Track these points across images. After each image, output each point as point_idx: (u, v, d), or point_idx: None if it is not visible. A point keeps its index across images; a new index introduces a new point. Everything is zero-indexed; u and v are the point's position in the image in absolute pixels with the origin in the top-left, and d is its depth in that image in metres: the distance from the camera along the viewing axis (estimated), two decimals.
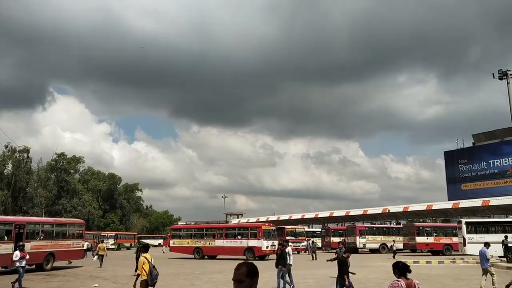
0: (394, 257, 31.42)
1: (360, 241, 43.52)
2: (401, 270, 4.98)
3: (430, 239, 38.80)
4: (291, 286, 14.20)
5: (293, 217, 65.95)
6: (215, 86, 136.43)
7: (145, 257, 9.59)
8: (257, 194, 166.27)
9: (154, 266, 9.57)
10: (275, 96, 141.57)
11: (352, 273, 11.24)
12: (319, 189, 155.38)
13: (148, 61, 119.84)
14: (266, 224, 38.62)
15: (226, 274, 19.72)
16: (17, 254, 15.12)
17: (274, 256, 31.94)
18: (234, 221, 73.92)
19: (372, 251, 43.81)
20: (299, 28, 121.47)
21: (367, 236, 44.05)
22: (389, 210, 53.85)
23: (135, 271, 20.69)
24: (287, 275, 14.60)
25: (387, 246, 43.72)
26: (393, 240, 34.53)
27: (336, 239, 48.03)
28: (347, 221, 59.76)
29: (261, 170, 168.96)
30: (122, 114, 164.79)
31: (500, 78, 28.13)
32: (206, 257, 33.22)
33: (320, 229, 56.44)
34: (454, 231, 39.90)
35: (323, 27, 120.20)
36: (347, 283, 11.08)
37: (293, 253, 16.09)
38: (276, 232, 34.14)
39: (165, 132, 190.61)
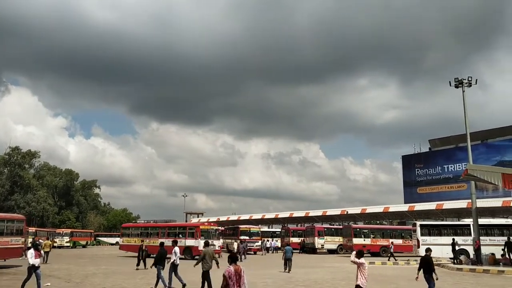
0: (390, 259, 31.51)
1: (318, 241, 44.09)
2: (232, 259, 7.04)
3: (367, 241, 39.70)
4: (166, 286, 14.05)
5: (253, 217, 66.09)
6: (176, 82, 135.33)
7: None
8: (218, 194, 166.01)
9: None
10: (237, 95, 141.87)
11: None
12: (279, 189, 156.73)
13: (107, 54, 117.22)
14: (206, 223, 38.57)
15: (184, 273, 19.48)
16: (32, 253, 13.38)
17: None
18: (194, 220, 73.42)
19: (330, 251, 44.48)
20: (263, 27, 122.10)
21: (325, 237, 44.67)
22: (347, 212, 54.84)
23: (147, 265, 20.14)
24: (172, 274, 14.48)
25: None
26: (392, 242, 34.99)
27: (295, 240, 48.58)
28: (306, 221, 60.44)
29: (222, 169, 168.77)
30: (78, 108, 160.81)
31: (456, 86, 29.00)
32: (151, 255, 32.82)
33: (280, 229, 56.87)
34: (391, 233, 41.07)
35: (288, 27, 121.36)
36: (436, 278, 11.96)
37: (248, 253, 16.07)
38: (217, 232, 33.83)
39: (123, 128, 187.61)
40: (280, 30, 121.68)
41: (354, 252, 10.10)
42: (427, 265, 12.12)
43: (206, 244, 14.18)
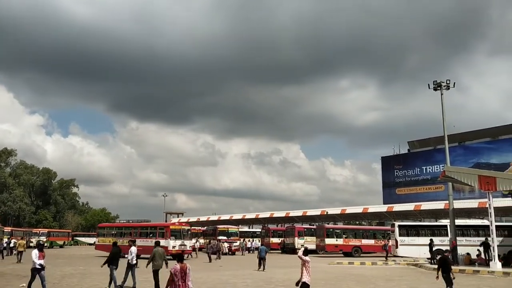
0: (386, 258, 31.71)
1: (298, 242, 44.23)
2: (178, 258, 8.04)
3: (340, 241, 39.97)
4: (117, 285, 13.96)
5: (234, 217, 66.02)
6: (157, 81, 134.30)
7: None
8: (198, 193, 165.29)
9: None
10: (218, 95, 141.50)
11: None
12: (260, 189, 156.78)
13: (85, 51, 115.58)
14: (177, 223, 38.35)
15: (163, 273, 19.38)
16: (36, 254, 12.74)
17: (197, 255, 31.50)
18: (174, 220, 72.92)
19: (310, 252, 44.58)
20: (245, 27, 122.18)
21: (305, 237, 44.81)
22: (327, 212, 55.18)
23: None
24: (131, 273, 14.45)
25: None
26: (387, 241, 35.10)
27: (276, 240, 48.63)
28: (287, 222, 60.60)
29: (202, 169, 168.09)
30: (55, 106, 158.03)
31: (435, 89, 29.42)
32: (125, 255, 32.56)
33: (260, 230, 56.90)
34: (363, 234, 41.52)
35: (270, 27, 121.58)
36: (453, 276, 12.61)
37: (227, 253, 16.01)
38: (189, 232, 33.61)
39: (102, 127, 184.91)
40: (262, 30, 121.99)
41: (302, 249, 10.45)
42: (445, 264, 12.75)
43: (157, 244, 14.57)
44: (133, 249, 14.98)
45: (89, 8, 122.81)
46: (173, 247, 29.37)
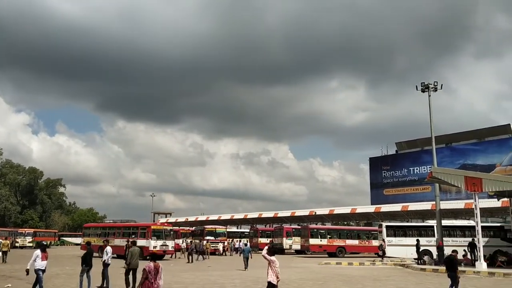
0: (382, 258, 31.81)
1: (286, 242, 44.31)
2: (151, 257, 8.45)
3: (324, 241, 40.11)
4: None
5: (222, 218, 65.89)
6: (145, 80, 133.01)
7: None
8: (186, 193, 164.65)
9: None
10: (207, 95, 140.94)
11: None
12: (248, 189, 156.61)
13: (73, 49, 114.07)
14: (159, 223, 38.24)
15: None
16: (38, 254, 12.37)
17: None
18: (162, 220, 72.58)
19: (298, 252, 44.73)
20: (234, 27, 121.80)
21: (293, 238, 44.90)
22: (315, 213, 55.32)
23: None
24: (101, 273, 14.44)
25: None
26: (383, 240, 35.01)
27: (264, 240, 48.66)
28: (275, 222, 60.66)
29: (191, 169, 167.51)
30: (42, 104, 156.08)
31: (423, 91, 29.72)
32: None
33: (248, 230, 56.89)
34: (348, 234, 41.77)
35: (258, 27, 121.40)
36: (458, 277, 13.02)
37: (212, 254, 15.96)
38: (172, 232, 33.36)
39: (89, 126, 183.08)
40: (251, 30, 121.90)
41: (266, 247, 10.28)
42: (451, 264, 12.99)
43: (133, 244, 14.69)
44: (109, 249, 14.84)
45: (77, 6, 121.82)
46: (154, 247, 29.18)
